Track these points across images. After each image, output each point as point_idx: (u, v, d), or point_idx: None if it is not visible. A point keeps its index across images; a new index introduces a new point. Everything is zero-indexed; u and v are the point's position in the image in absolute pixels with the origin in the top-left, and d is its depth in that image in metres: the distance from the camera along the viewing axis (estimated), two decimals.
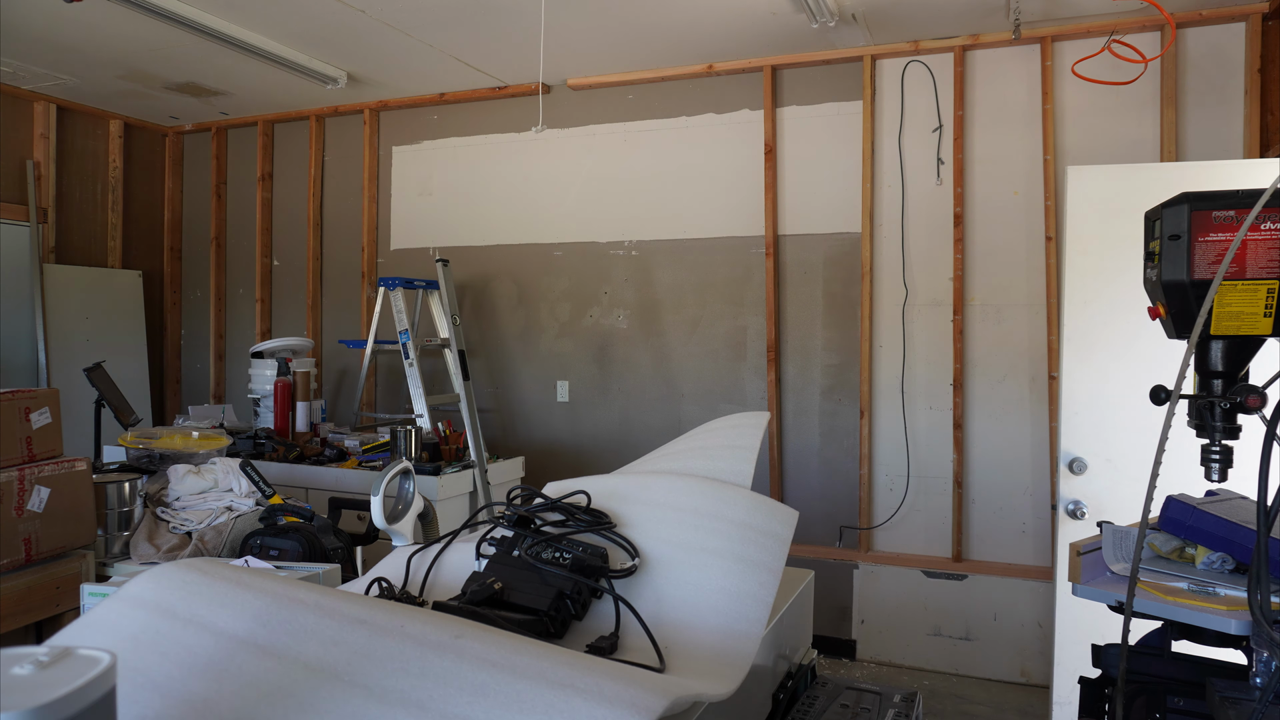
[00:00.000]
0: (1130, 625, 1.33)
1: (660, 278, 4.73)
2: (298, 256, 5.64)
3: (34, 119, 5.18)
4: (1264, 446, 1.15)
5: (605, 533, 1.27)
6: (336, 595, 0.90)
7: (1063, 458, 3.24)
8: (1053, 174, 3.95)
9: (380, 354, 5.32)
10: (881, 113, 4.29)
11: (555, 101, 4.91)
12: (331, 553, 2.19)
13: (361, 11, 3.85)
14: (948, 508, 4.16)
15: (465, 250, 5.19)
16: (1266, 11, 3.64)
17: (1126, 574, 1.56)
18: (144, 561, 2.44)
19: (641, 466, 1.60)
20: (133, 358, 5.59)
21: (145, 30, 4.06)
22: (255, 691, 0.77)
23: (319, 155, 5.55)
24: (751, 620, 1.15)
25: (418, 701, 0.75)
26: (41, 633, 2.39)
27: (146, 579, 0.92)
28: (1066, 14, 3.78)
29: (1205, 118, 3.77)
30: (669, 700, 0.75)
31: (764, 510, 1.31)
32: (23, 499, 2.31)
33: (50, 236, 5.23)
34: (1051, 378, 3.95)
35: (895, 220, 4.25)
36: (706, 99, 4.61)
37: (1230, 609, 1.42)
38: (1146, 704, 1.43)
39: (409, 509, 1.55)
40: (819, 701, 1.39)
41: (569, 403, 4.94)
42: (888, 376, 4.27)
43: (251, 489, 2.67)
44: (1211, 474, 1.43)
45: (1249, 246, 1.30)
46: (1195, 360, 1.41)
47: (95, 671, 0.54)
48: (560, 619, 1.14)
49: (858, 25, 3.96)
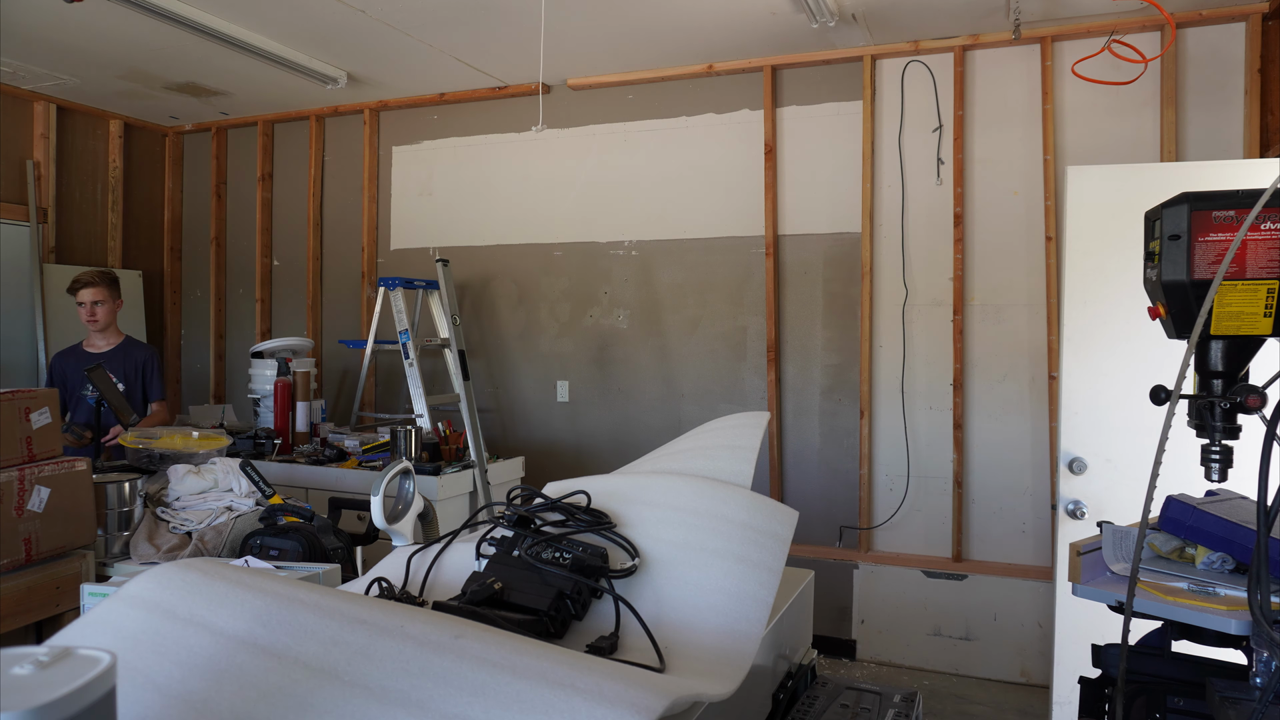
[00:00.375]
0: (1130, 625, 1.33)
1: (660, 278, 4.73)
2: (298, 256, 5.64)
3: (34, 119, 5.18)
4: (1264, 446, 1.15)
5: (605, 533, 1.27)
6: (336, 595, 0.90)
7: (1062, 458, 3.24)
8: (1052, 174, 3.96)
9: (380, 354, 5.32)
10: (881, 113, 4.28)
11: (555, 101, 4.91)
12: (331, 553, 2.19)
13: (361, 11, 3.85)
14: (948, 508, 4.16)
15: (465, 250, 5.19)
16: (1266, 11, 3.64)
17: (1126, 574, 1.56)
18: (144, 561, 2.44)
19: (641, 466, 1.60)
20: None
21: (145, 30, 4.06)
22: (255, 691, 0.77)
23: (319, 155, 5.55)
24: (752, 620, 1.15)
25: (418, 701, 0.75)
26: (41, 633, 2.39)
27: (146, 579, 0.92)
28: (1066, 14, 3.78)
29: (1205, 118, 3.77)
30: (669, 700, 0.75)
31: (764, 510, 1.31)
32: (23, 499, 2.31)
33: (50, 236, 5.23)
34: (1051, 378, 3.95)
35: (895, 220, 4.25)
36: (706, 99, 4.61)
37: (1230, 609, 1.42)
38: (1146, 704, 1.43)
39: (409, 509, 1.56)
40: (819, 701, 1.39)
41: (569, 403, 4.94)
42: (888, 376, 4.27)
43: (251, 489, 2.67)
44: (1211, 474, 1.43)
45: (1249, 246, 1.30)
46: (1195, 360, 1.41)
47: (95, 671, 0.54)
48: (560, 619, 1.14)
49: (858, 25, 3.96)
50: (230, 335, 5.90)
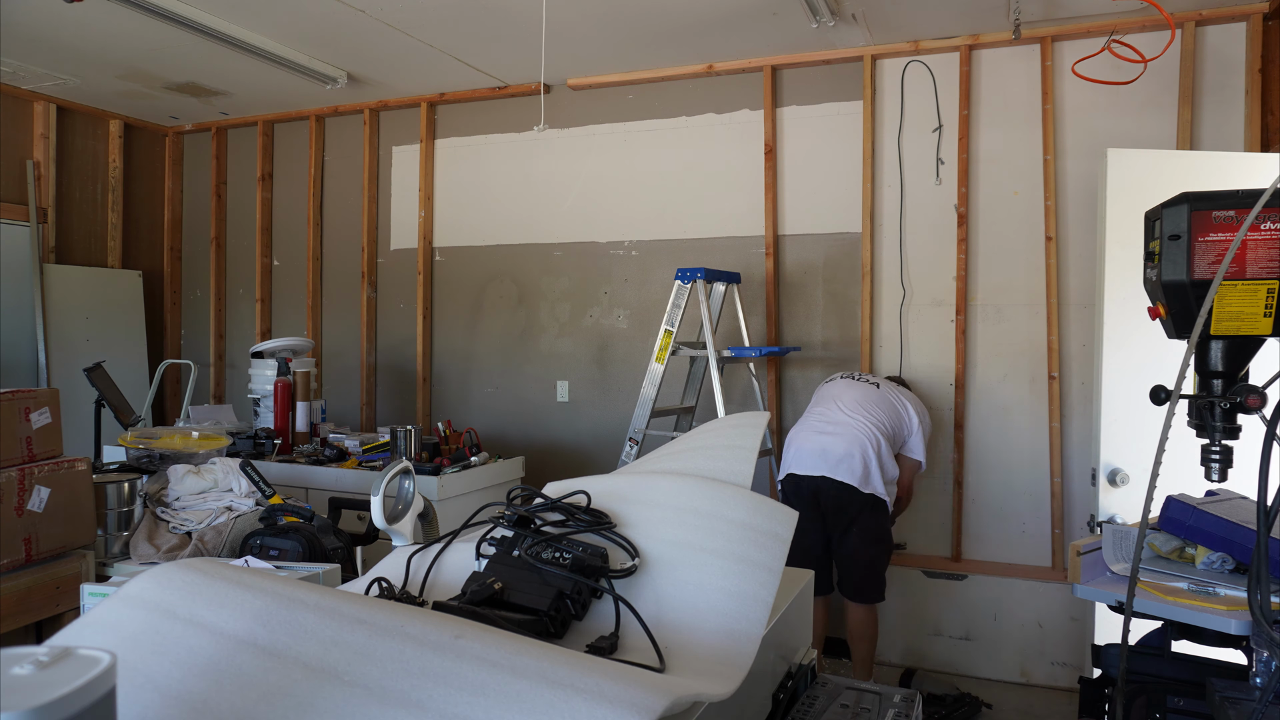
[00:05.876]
0: (1130, 625, 1.33)
1: (660, 278, 4.73)
2: (298, 256, 5.64)
3: (34, 119, 5.18)
4: (1264, 446, 1.15)
5: (605, 533, 1.27)
6: (336, 595, 0.90)
7: (1102, 469, 3.06)
8: (1053, 174, 3.96)
9: (382, 355, 5.32)
10: (881, 113, 4.28)
11: (555, 101, 4.91)
12: (331, 553, 2.19)
13: (361, 11, 3.85)
14: (948, 508, 4.16)
15: (465, 250, 5.19)
16: (1267, 11, 3.64)
17: (1126, 574, 1.56)
18: (144, 561, 2.44)
19: (641, 466, 1.60)
20: (133, 358, 5.59)
21: (145, 30, 4.06)
22: (255, 691, 0.77)
23: (319, 155, 5.55)
24: (752, 620, 1.15)
25: (418, 701, 0.75)
26: (41, 633, 2.39)
27: (146, 579, 0.92)
28: (1066, 14, 3.78)
29: (1206, 117, 3.77)
30: (669, 700, 0.75)
31: (764, 510, 1.31)
32: (23, 499, 2.31)
33: (50, 236, 5.23)
34: (1051, 378, 3.95)
35: (895, 220, 4.25)
36: (706, 99, 4.61)
37: (1230, 609, 1.42)
38: (1146, 704, 1.43)
39: (409, 509, 1.55)
40: (819, 701, 1.39)
41: (569, 403, 4.94)
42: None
43: (251, 489, 2.67)
44: (1211, 474, 1.44)
45: (1249, 246, 1.30)
46: (1195, 360, 1.41)
47: (95, 671, 0.53)
48: (560, 619, 1.14)
49: (858, 25, 3.96)
50: (230, 335, 5.90)
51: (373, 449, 4.10)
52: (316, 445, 4.24)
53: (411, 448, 3.87)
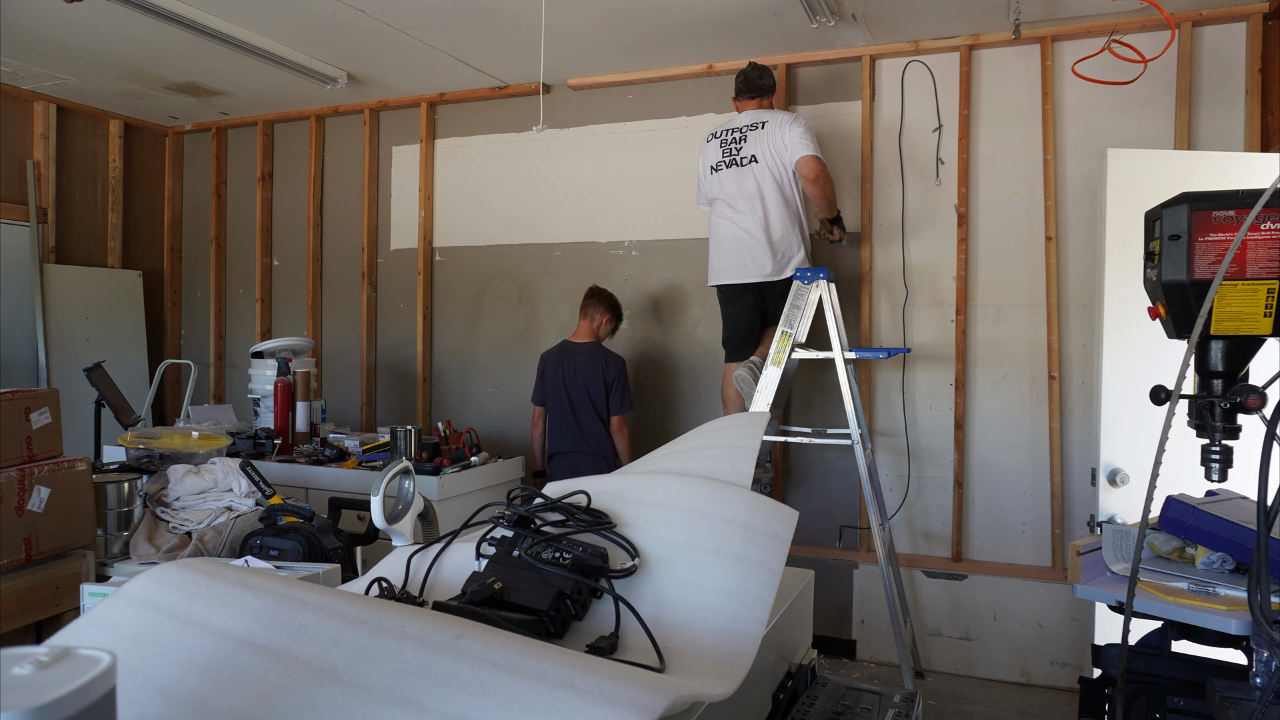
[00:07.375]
0: (1130, 625, 1.33)
1: (660, 278, 4.73)
2: (298, 256, 5.64)
3: (34, 119, 5.18)
4: (1264, 446, 1.15)
5: (605, 533, 1.27)
6: (336, 595, 0.90)
7: (1102, 469, 3.07)
8: (1052, 174, 3.96)
9: (382, 355, 5.32)
10: (881, 113, 4.28)
11: (555, 101, 4.91)
12: (331, 553, 2.19)
13: (361, 11, 3.85)
14: (948, 508, 4.16)
15: (465, 250, 5.19)
16: (1267, 11, 3.64)
17: (1126, 574, 1.56)
18: (144, 561, 2.44)
19: (641, 466, 1.60)
20: (133, 358, 5.59)
21: (145, 30, 4.06)
22: (255, 691, 0.77)
23: (319, 155, 5.55)
24: (752, 620, 1.15)
25: (418, 701, 0.75)
26: (41, 633, 2.39)
27: (146, 579, 0.92)
28: (1066, 14, 3.78)
29: (1206, 117, 3.77)
30: (669, 700, 0.75)
31: (764, 510, 1.31)
32: (23, 499, 2.31)
33: (50, 236, 5.23)
34: (1051, 378, 3.95)
35: (895, 220, 4.25)
36: (706, 99, 4.61)
37: (1230, 609, 1.42)
38: (1146, 704, 1.43)
39: (409, 509, 1.55)
40: (819, 701, 1.39)
41: None
42: (888, 376, 4.26)
43: (251, 489, 2.67)
44: (1211, 474, 1.44)
45: (1249, 246, 1.30)
46: (1195, 360, 1.41)
47: (95, 671, 0.53)
48: (560, 619, 1.14)
49: (858, 25, 3.96)
50: (230, 335, 5.90)
51: (373, 449, 4.10)
52: (316, 445, 4.24)
53: (411, 448, 3.87)
